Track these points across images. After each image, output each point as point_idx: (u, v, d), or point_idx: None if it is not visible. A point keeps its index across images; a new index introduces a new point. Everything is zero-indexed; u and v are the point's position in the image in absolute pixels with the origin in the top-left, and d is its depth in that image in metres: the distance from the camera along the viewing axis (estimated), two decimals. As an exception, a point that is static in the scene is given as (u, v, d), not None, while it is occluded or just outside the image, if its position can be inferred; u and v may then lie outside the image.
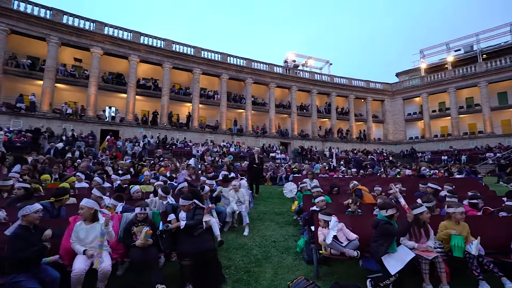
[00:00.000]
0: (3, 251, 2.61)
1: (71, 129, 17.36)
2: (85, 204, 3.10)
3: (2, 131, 13.35)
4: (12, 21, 16.94)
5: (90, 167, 8.09)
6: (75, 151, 14.07)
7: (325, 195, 5.72)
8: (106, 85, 20.41)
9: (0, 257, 2.63)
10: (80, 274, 2.77)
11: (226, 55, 24.79)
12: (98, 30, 19.52)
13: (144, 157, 13.82)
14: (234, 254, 4.49)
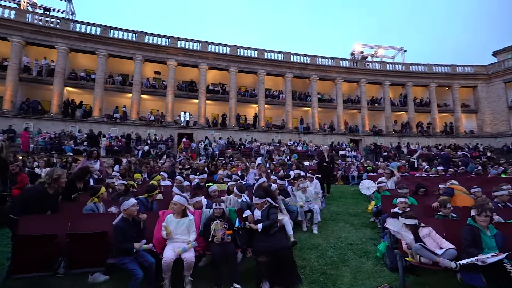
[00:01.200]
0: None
1: (154, 133, 19.75)
2: (178, 201, 3.44)
3: (105, 138, 16.06)
4: (110, 47, 20.30)
5: (171, 167, 9.01)
6: (157, 152, 15.97)
7: (409, 196, 5.11)
8: (180, 93, 22.57)
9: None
10: (169, 262, 3.07)
11: (289, 54, 24.66)
12: (172, 44, 21.75)
13: (216, 157, 14.77)
14: (308, 254, 4.36)
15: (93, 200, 3.99)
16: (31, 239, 2.97)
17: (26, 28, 18.53)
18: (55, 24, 19.64)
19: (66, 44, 19.38)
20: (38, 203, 3.49)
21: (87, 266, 3.19)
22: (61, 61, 19.17)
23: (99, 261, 3.14)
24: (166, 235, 3.26)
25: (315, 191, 5.86)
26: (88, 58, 21.07)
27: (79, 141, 16.45)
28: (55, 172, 3.70)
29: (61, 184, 3.78)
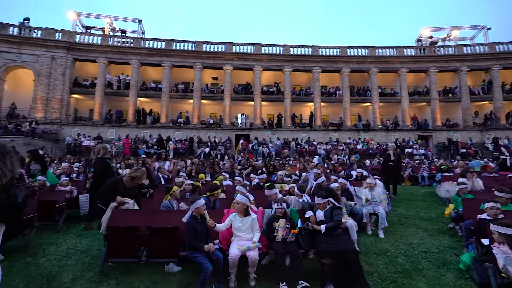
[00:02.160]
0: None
1: (213, 136, 20.94)
2: (240, 200, 3.60)
3: (171, 141, 17.67)
4: (173, 58, 22.31)
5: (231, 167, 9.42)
6: (217, 154, 16.88)
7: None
8: (237, 96, 23.48)
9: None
10: (235, 258, 3.22)
11: (345, 48, 23.51)
12: (228, 50, 22.77)
13: (273, 157, 14.93)
14: (375, 259, 4.09)
15: (167, 198, 4.44)
16: (120, 230, 3.47)
17: (109, 50, 21.65)
18: (129, 43, 22.47)
19: (138, 60, 21.99)
20: (113, 191, 4.03)
21: (163, 257, 3.56)
22: (134, 75, 21.82)
23: (173, 253, 3.48)
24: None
25: (383, 191, 5.46)
26: (155, 70, 23.51)
27: (150, 145, 18.45)
28: (136, 171, 4.23)
29: (137, 183, 4.28)
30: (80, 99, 22.56)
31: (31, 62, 20.35)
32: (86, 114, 22.81)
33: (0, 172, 2.58)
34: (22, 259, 4.02)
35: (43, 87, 20.12)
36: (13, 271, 3.60)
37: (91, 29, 25.68)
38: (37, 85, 20.13)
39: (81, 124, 21.07)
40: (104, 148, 5.57)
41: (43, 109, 19.97)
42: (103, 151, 5.49)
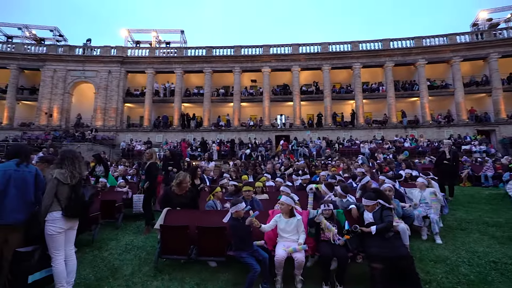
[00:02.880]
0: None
1: (253, 137, 21.22)
2: (285, 201, 3.59)
3: (214, 144, 18.32)
4: (213, 64, 23.19)
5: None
6: (258, 155, 17.06)
7: None
8: (275, 97, 23.50)
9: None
10: (281, 259, 3.22)
11: (387, 40, 22.11)
12: (265, 52, 22.93)
13: (314, 157, 14.63)
14: (432, 267, 3.76)
15: (211, 198, 4.62)
16: (171, 228, 3.70)
17: (155, 61, 23.33)
18: (173, 53, 23.92)
19: (181, 68, 23.28)
20: (167, 202, 4.37)
21: (211, 255, 3.72)
22: (179, 83, 23.14)
23: (220, 252, 3.61)
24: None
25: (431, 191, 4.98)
26: (197, 77, 24.63)
27: (194, 148, 19.36)
28: (178, 177, 4.45)
29: (185, 187, 4.46)
30: (132, 107, 24.62)
31: (92, 77, 22.84)
32: (137, 120, 24.82)
33: (70, 174, 2.97)
34: (90, 252, 4.51)
35: (101, 98, 22.41)
36: (84, 262, 4.06)
37: (140, 43, 27.93)
38: (97, 97, 22.50)
39: (133, 130, 22.98)
40: (155, 153, 6.08)
41: (101, 118, 22.23)
42: (154, 156, 6.02)
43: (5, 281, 2.75)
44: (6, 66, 22.55)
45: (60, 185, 2.87)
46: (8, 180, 2.76)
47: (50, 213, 2.82)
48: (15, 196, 2.77)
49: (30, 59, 22.83)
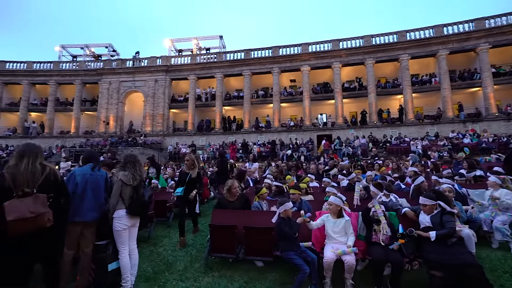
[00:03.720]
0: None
1: (294, 138, 21.00)
2: (333, 201, 3.51)
3: (256, 145, 18.56)
4: (251, 67, 23.54)
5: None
6: (300, 156, 16.83)
7: None
8: (316, 96, 22.98)
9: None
10: (330, 261, 3.14)
11: (440, 26, 20.15)
12: (304, 51, 22.58)
13: (359, 157, 13.98)
14: (507, 280, 3.32)
15: (256, 199, 4.68)
16: (220, 228, 3.84)
17: (197, 67, 24.49)
18: (213, 58, 24.84)
19: (221, 72, 24.06)
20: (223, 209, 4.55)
21: (258, 255, 3.77)
22: (219, 87, 23.95)
23: (267, 252, 3.64)
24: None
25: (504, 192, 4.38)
26: (237, 80, 25.22)
27: (236, 149, 19.81)
28: (227, 184, 4.60)
29: (235, 192, 4.59)
30: (177, 112, 26.13)
31: (141, 86, 24.82)
32: (182, 125, 26.26)
33: (132, 176, 3.28)
34: (147, 248, 4.89)
35: (149, 105, 24.21)
36: (142, 257, 4.40)
37: (182, 51, 29.58)
38: (146, 104, 24.36)
39: (178, 134, 24.37)
40: (196, 159, 6.35)
41: (150, 123, 24.00)
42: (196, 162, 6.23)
43: (89, 269, 3.17)
44: (72, 82, 25.66)
45: (124, 186, 3.19)
46: (86, 183, 3.17)
47: (117, 211, 3.17)
48: (91, 197, 3.18)
49: (90, 74, 25.62)
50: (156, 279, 3.69)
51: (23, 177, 2.39)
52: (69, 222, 2.94)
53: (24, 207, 2.27)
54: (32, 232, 2.34)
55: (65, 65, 26.58)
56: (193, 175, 4.89)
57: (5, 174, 2.39)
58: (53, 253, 2.69)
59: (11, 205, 2.26)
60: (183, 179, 4.92)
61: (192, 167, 4.97)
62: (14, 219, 2.22)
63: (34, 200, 2.34)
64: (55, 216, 2.48)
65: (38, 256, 2.53)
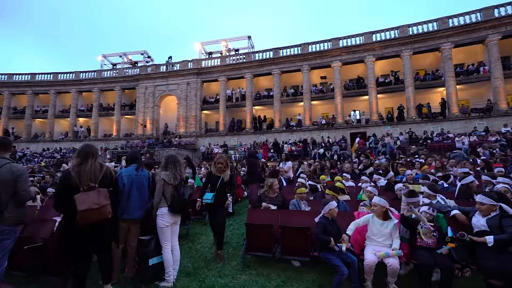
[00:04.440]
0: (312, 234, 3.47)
1: (326, 136, 20.50)
2: (378, 202, 3.37)
3: (287, 144, 18.45)
4: (281, 65, 23.40)
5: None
6: (333, 154, 16.38)
7: None
8: (348, 92, 22.19)
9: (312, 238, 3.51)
10: (371, 264, 3.02)
11: (490, 8, 18.24)
12: (334, 46, 21.91)
13: (397, 155, 13.24)
14: None
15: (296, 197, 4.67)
16: (256, 226, 3.87)
17: (226, 69, 24.93)
18: (242, 59, 25.10)
19: (250, 72, 24.24)
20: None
21: (295, 255, 3.74)
22: (249, 87, 24.16)
23: (305, 252, 3.60)
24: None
25: None
26: (266, 79, 25.24)
27: (268, 149, 19.83)
28: (268, 182, 4.76)
29: (275, 189, 4.73)
30: (208, 113, 26.83)
31: (174, 89, 25.89)
32: (214, 126, 26.92)
33: (173, 176, 3.44)
34: (186, 244, 5.09)
35: (183, 108, 25.16)
36: (182, 253, 4.56)
37: (212, 54, 30.27)
38: (179, 107, 25.35)
39: (210, 135, 25.02)
40: (228, 158, 6.65)
41: (184, 125, 24.93)
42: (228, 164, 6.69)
43: (134, 262, 3.42)
44: (113, 88, 27.55)
45: (166, 185, 3.37)
46: (131, 183, 3.41)
47: (160, 208, 3.35)
48: (136, 196, 3.43)
49: (128, 80, 27.30)
50: (196, 275, 3.83)
51: (86, 174, 2.75)
52: (118, 218, 3.22)
53: (90, 199, 2.62)
54: (95, 223, 2.68)
55: (107, 73, 28.62)
56: (226, 179, 4.20)
57: (72, 172, 2.75)
58: (109, 244, 3.06)
59: (80, 198, 2.61)
60: (214, 183, 4.21)
61: (224, 169, 4.27)
62: (84, 209, 2.57)
63: (97, 194, 2.69)
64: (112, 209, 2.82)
65: (97, 245, 2.89)
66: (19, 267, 3.52)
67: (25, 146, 26.58)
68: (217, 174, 4.26)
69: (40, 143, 27.21)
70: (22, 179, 2.83)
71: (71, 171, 2.76)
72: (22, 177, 2.83)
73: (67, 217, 2.74)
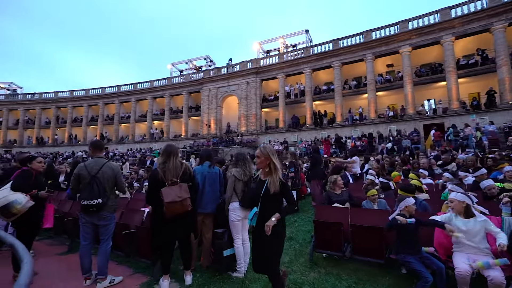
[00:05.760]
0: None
1: (395, 129, 18.73)
2: (454, 197, 3.00)
3: (350, 139, 17.50)
4: (341, 57, 22.26)
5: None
6: (404, 149, 14.90)
7: None
8: (420, 80, 19.83)
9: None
10: (464, 275, 2.61)
11: None
12: (402, 29, 19.78)
13: (487, 148, 11.30)
14: None
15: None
16: (325, 224, 3.79)
17: (284, 66, 24.87)
18: (300, 54, 24.66)
19: (309, 67, 23.66)
20: (329, 203, 4.53)
21: (367, 256, 3.53)
22: (308, 82, 23.64)
23: (378, 253, 3.37)
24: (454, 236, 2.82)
25: None
26: (325, 73, 24.31)
27: (330, 145, 19.13)
28: (332, 178, 4.67)
29: (340, 184, 4.63)
30: (268, 111, 27.21)
31: (235, 90, 27.00)
32: (273, 123, 27.20)
33: (243, 173, 3.62)
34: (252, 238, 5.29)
35: (243, 107, 26.05)
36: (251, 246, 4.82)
37: (270, 52, 30.51)
38: (240, 106, 26.34)
39: (271, 132, 25.34)
40: (293, 154, 6.82)
41: (245, 124, 25.81)
42: (292, 157, 7.04)
43: (209, 252, 3.70)
44: (180, 93, 30.19)
45: (236, 181, 3.57)
46: (205, 179, 3.72)
47: (231, 203, 3.57)
48: (209, 192, 3.73)
49: (194, 85, 29.52)
50: (265, 269, 3.95)
51: (170, 171, 3.16)
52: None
53: (174, 193, 3.01)
54: (178, 215, 3.06)
55: (175, 80, 31.50)
56: (273, 188, 2.55)
57: (158, 169, 3.20)
58: (189, 234, 3.41)
59: (165, 191, 3.00)
60: (257, 192, 2.67)
61: (268, 170, 2.68)
62: (169, 201, 2.95)
63: (179, 188, 3.06)
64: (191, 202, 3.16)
65: (180, 234, 3.27)
66: (120, 248, 4.20)
67: (114, 147, 31.16)
68: (262, 178, 2.77)
69: (125, 144, 31.53)
70: (120, 174, 3.42)
71: (157, 168, 3.18)
72: (120, 173, 3.42)
73: (155, 208, 3.16)
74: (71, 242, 5.24)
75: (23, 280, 0.95)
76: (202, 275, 3.70)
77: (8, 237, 1.52)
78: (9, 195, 3.32)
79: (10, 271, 3.56)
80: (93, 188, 3.21)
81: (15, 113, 36.09)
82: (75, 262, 3.79)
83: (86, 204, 3.19)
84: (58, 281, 3.64)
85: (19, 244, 1.37)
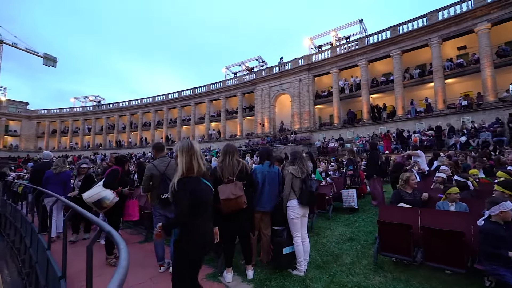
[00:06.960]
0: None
1: (470, 121, 16.39)
2: None
3: (415, 134, 15.93)
4: (401, 44, 20.37)
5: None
6: (483, 143, 12.96)
7: None
8: (502, 61, 16.90)
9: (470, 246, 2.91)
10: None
11: None
12: (477, 4, 17.12)
13: None
14: None
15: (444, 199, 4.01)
16: (391, 225, 3.56)
17: (338, 59, 23.84)
18: (354, 46, 23.31)
19: (365, 59, 22.22)
20: (399, 202, 4.30)
21: (443, 263, 3.19)
22: (364, 74, 22.23)
23: (458, 261, 3.02)
24: None
25: None
26: (382, 63, 22.53)
27: (390, 140, 17.69)
28: (404, 176, 4.43)
29: (413, 184, 4.38)
30: (322, 108, 26.42)
31: (287, 88, 26.88)
32: (328, 119, 26.31)
33: (300, 170, 3.63)
34: (311, 237, 5.17)
35: (296, 105, 25.78)
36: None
37: (321, 47, 29.58)
38: (293, 104, 26.12)
39: (325, 129, 24.56)
40: (351, 151, 6.94)
41: (298, 121, 25.52)
42: (350, 154, 6.97)
43: (269, 249, 3.82)
44: (235, 94, 31.32)
45: (294, 179, 3.60)
46: (264, 178, 3.84)
47: (290, 201, 3.62)
48: (268, 191, 3.84)
49: (247, 86, 30.30)
50: (325, 268, 3.88)
51: (227, 169, 3.37)
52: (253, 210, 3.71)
53: (228, 190, 3.20)
54: (234, 211, 3.24)
55: (230, 82, 32.80)
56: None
57: (217, 168, 3.45)
58: (248, 230, 3.58)
59: (221, 189, 3.22)
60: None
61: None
62: (224, 198, 3.16)
63: (234, 186, 3.24)
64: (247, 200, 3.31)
65: (238, 230, 3.46)
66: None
67: (177, 149, 33.90)
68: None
69: (187, 145, 34.01)
70: None
71: (217, 166, 3.41)
72: None
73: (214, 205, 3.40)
74: (147, 233, 5.92)
75: (123, 263, 1.14)
76: (263, 270, 3.83)
77: (106, 226, 1.83)
78: (101, 191, 3.95)
79: (102, 256, 4.25)
80: (167, 183, 3.55)
81: (100, 121, 42.28)
82: (151, 251, 4.30)
83: (166, 197, 3.52)
84: (137, 266, 4.16)
85: (115, 232, 1.63)
